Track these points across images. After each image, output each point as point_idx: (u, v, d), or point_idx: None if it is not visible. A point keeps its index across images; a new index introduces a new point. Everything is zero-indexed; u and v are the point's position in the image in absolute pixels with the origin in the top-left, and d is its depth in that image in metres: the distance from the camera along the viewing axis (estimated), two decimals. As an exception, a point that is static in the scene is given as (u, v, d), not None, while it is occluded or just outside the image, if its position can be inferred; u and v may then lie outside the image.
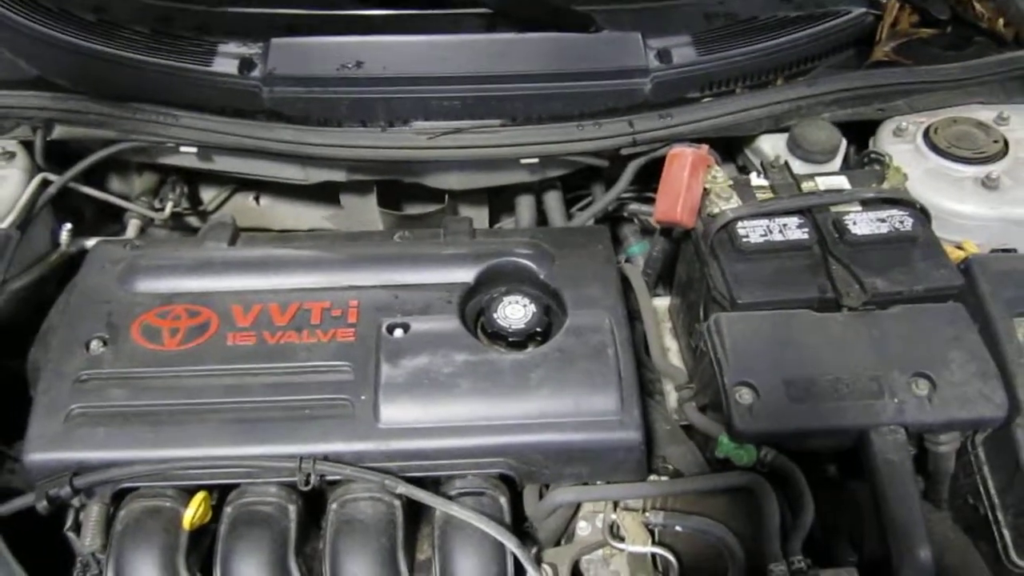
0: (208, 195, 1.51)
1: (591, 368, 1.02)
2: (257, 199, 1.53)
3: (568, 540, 1.04)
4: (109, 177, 1.46)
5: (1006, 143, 1.24)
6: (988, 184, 1.20)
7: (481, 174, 1.30)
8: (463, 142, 1.22)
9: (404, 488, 0.94)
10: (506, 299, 1.09)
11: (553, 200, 1.39)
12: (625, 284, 1.22)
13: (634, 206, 1.39)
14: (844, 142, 1.28)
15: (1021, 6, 1.39)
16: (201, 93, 1.25)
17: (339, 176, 1.32)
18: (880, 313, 1.06)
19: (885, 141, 1.29)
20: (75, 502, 0.99)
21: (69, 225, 1.27)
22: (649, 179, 1.31)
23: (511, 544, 0.92)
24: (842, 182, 1.19)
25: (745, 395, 0.99)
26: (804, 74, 1.34)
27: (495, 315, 1.08)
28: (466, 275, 1.12)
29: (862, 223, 1.13)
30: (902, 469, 0.97)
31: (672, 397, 1.16)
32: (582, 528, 1.03)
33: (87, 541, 0.98)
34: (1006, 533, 1.01)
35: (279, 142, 1.22)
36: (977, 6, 1.42)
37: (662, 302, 1.30)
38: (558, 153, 1.24)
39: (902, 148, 1.26)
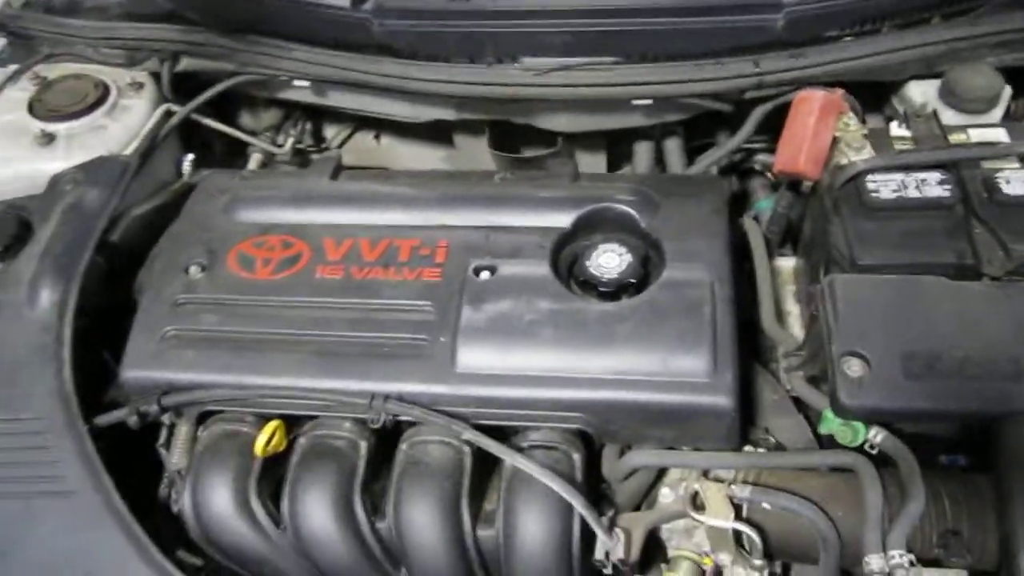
0: (330, 132, 1.52)
1: (684, 325, 0.95)
2: (377, 138, 1.53)
3: (649, 506, 0.97)
4: (240, 112, 1.49)
5: None
6: None
7: (593, 116, 1.23)
8: (572, 80, 1.15)
9: (470, 435, 0.91)
10: (602, 247, 1.03)
11: (673, 148, 1.30)
12: (744, 241, 1.13)
13: (763, 156, 1.28)
14: (1009, 91, 1.11)
15: None
16: (315, 26, 1.24)
17: (449, 115, 1.28)
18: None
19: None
20: (166, 419, 1.02)
21: (191, 156, 1.30)
22: (782, 128, 1.20)
23: (577, 503, 0.87)
24: (1000, 135, 1.05)
25: (855, 366, 0.88)
26: (967, 13, 1.17)
27: (588, 263, 1.02)
28: (563, 219, 1.06)
29: (1018, 182, 0.98)
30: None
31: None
32: (664, 495, 0.96)
33: (174, 459, 1.02)
34: None
35: (385, 76, 1.20)
36: None
37: (787, 263, 1.20)
38: (674, 95, 1.15)
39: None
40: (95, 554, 0.92)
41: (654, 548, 0.98)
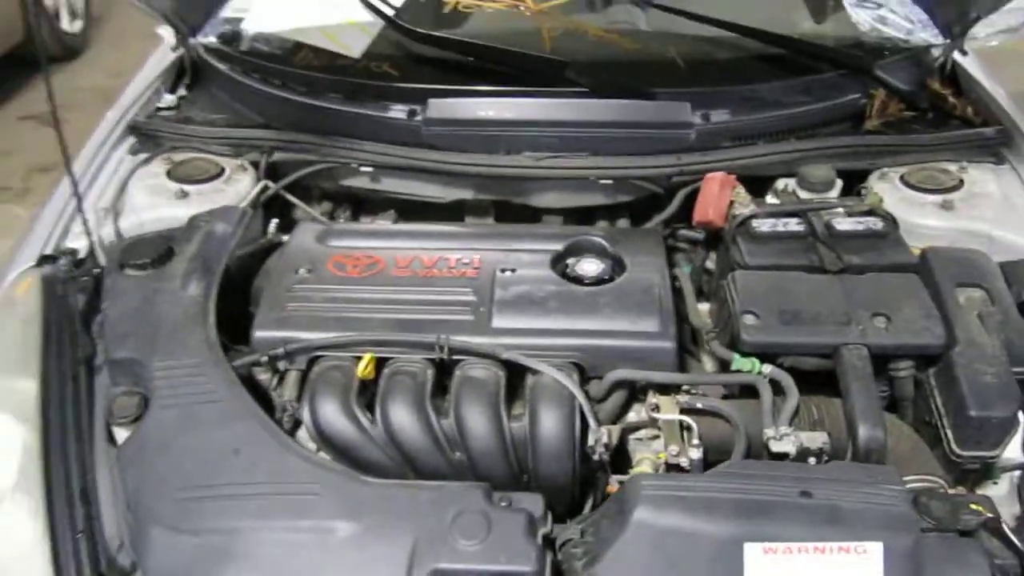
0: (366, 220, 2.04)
1: (642, 300, 1.46)
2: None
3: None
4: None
5: (962, 181, 1.67)
6: (945, 206, 1.63)
7: (571, 194, 1.79)
8: (557, 164, 1.72)
9: (509, 353, 1.37)
10: (584, 258, 1.55)
11: (622, 223, 1.86)
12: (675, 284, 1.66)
13: (683, 231, 1.84)
14: (839, 182, 1.72)
15: (984, 97, 1.85)
16: (378, 131, 1.80)
17: (467, 194, 1.82)
18: (853, 276, 1.47)
19: (871, 183, 1.73)
20: (281, 365, 1.44)
21: (276, 220, 1.79)
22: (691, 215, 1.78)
23: (579, 395, 1.33)
24: (834, 205, 1.64)
25: (749, 319, 1.41)
26: (812, 138, 1.81)
27: (576, 267, 1.53)
28: (557, 245, 1.58)
29: (845, 223, 1.56)
30: (864, 372, 1.35)
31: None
32: (631, 415, 1.42)
33: (286, 393, 1.43)
34: (948, 433, 1.35)
35: (430, 161, 1.74)
36: (950, 99, 1.88)
37: (704, 306, 1.72)
38: (623, 176, 1.73)
39: (883, 186, 1.71)
40: (240, 439, 1.31)
41: (621, 460, 1.42)
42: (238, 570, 1.18)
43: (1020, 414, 1.34)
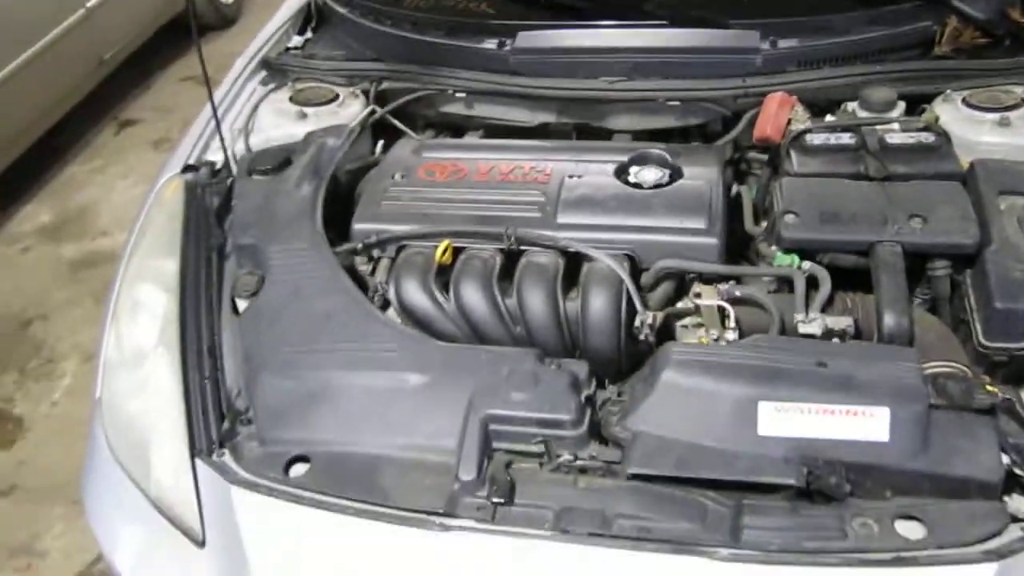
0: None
1: (693, 203, 1.60)
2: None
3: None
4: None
5: (1023, 100, 1.72)
6: (1002, 123, 1.68)
7: (643, 116, 1.94)
8: (630, 87, 1.88)
9: (567, 242, 1.55)
10: (645, 167, 1.70)
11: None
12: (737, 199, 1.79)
13: (751, 154, 1.95)
14: (902, 104, 1.79)
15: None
16: (473, 61, 2.00)
17: (551, 118, 2.00)
18: (897, 183, 1.56)
19: (934, 105, 1.79)
20: (375, 253, 1.68)
21: (382, 142, 2.03)
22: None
23: (627, 278, 1.49)
24: (893, 124, 1.72)
25: (790, 218, 1.53)
26: (878, 63, 1.88)
27: (637, 175, 1.69)
28: (622, 157, 1.74)
29: (896, 137, 1.65)
30: (895, 267, 1.46)
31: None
32: (679, 305, 1.57)
33: (378, 276, 1.66)
34: (977, 325, 1.44)
35: (517, 86, 1.94)
36: (1025, 24, 1.90)
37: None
38: (689, 98, 1.86)
39: (945, 107, 1.77)
40: (335, 308, 1.55)
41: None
42: (328, 409, 1.43)
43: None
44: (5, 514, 2.47)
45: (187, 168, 1.91)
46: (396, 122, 2.06)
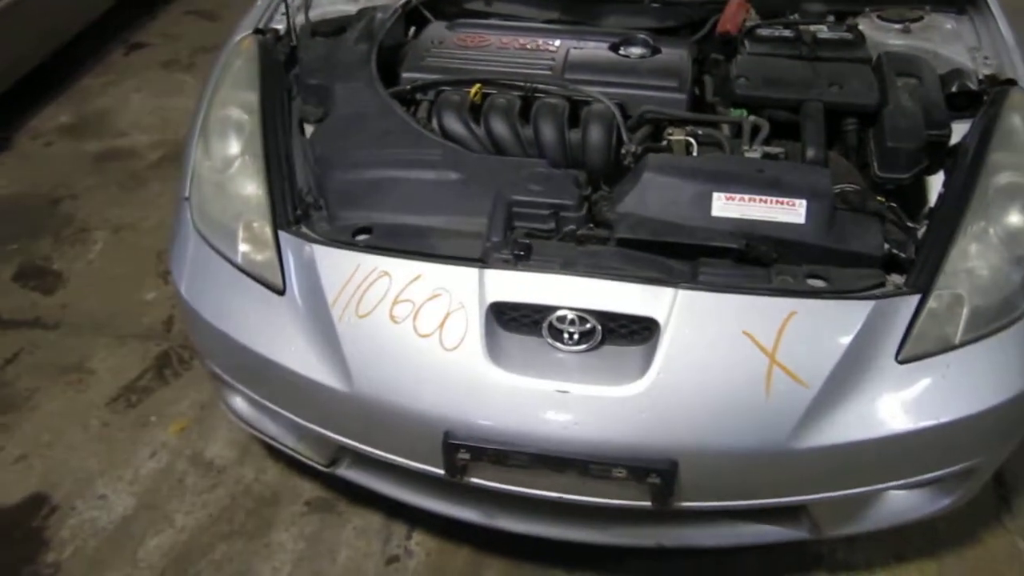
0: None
1: (668, 70, 2.09)
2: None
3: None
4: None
5: (922, 16, 2.25)
6: (904, 30, 2.21)
7: (630, 17, 2.39)
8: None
9: (573, 87, 2.01)
10: (633, 45, 2.19)
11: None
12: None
13: (713, 54, 2.43)
14: (832, 17, 2.30)
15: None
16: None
17: (555, 15, 2.46)
18: (822, 63, 2.07)
19: (856, 19, 2.31)
20: (418, 96, 2.12)
21: (413, 28, 2.47)
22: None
23: (617, 113, 1.96)
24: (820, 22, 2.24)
25: (742, 81, 2.02)
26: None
27: (626, 50, 2.17)
28: (614, 39, 2.22)
29: (825, 33, 2.16)
30: (817, 118, 1.95)
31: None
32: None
33: (419, 113, 2.10)
34: (875, 162, 1.94)
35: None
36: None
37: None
38: (670, 1, 2.35)
39: (864, 20, 2.29)
40: (390, 127, 1.98)
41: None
42: (385, 196, 1.87)
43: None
44: (53, 343, 2.82)
45: (256, 31, 2.33)
46: (427, 12, 2.51)
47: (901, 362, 1.65)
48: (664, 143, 2.01)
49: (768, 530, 1.92)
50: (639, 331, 1.67)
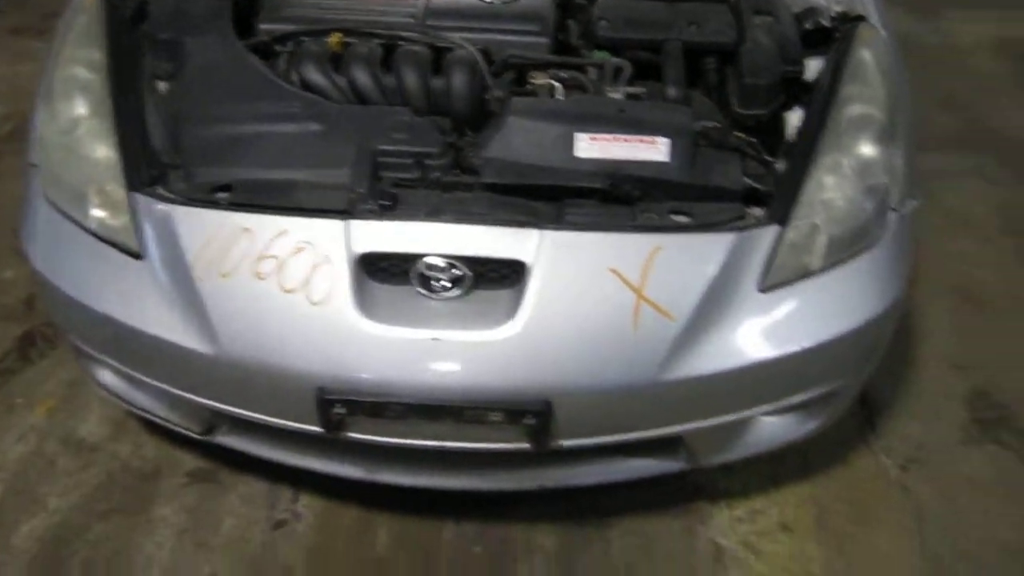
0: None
1: (532, 15, 2.08)
2: None
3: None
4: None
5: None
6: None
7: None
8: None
9: (435, 34, 1.98)
10: None
11: None
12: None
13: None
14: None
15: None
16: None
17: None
18: (681, 3, 2.09)
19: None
20: (277, 47, 2.05)
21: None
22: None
23: (480, 59, 1.93)
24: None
25: (603, 23, 2.03)
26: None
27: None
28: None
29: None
30: (677, 57, 1.98)
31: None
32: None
33: (279, 66, 2.03)
34: (734, 98, 1.97)
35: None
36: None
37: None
38: None
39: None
40: (248, 80, 1.91)
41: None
42: (245, 150, 1.80)
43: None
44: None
45: (100, -17, 2.20)
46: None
47: (763, 291, 1.70)
48: (528, 87, 2.00)
49: (647, 464, 1.97)
50: (508, 275, 1.67)
